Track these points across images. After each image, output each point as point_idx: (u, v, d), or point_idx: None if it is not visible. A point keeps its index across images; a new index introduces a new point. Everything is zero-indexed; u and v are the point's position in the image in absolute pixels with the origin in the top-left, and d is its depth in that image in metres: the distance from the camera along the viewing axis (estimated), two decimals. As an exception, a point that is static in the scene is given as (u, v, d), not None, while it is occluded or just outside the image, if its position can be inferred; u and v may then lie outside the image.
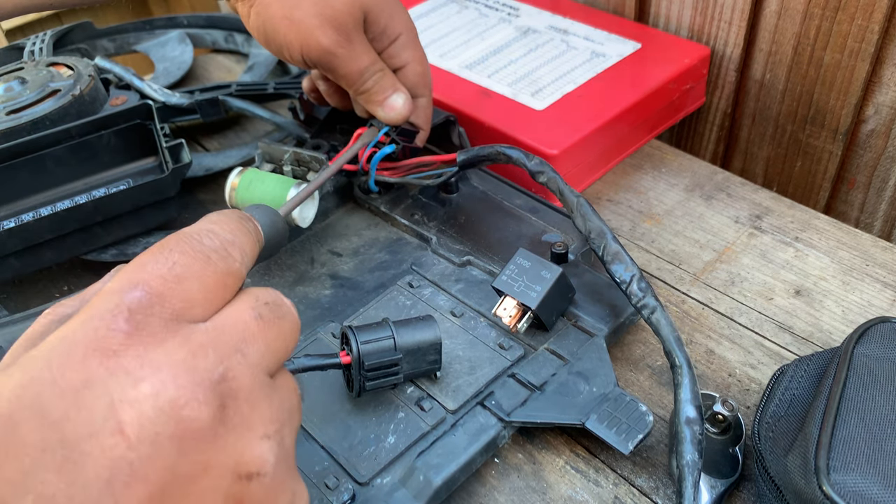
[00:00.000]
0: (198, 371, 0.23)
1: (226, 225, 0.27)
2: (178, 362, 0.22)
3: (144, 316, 0.23)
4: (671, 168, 0.59)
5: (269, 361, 0.25)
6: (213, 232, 0.27)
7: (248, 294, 0.26)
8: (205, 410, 0.22)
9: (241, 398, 0.23)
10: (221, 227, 0.27)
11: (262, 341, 0.25)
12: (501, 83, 0.60)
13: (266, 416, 0.24)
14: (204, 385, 0.22)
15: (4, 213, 0.51)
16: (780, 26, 0.60)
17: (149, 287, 0.23)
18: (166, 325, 0.23)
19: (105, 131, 0.53)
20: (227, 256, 0.26)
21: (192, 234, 0.26)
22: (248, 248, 0.28)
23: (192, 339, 0.23)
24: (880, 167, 0.61)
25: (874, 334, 0.38)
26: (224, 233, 0.27)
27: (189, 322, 0.24)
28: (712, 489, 0.36)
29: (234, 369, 0.24)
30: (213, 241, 0.26)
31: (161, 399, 0.22)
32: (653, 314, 0.39)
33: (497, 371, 0.41)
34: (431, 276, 0.47)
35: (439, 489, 0.36)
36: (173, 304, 0.24)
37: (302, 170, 0.49)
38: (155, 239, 0.54)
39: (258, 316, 0.25)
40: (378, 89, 0.48)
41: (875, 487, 0.30)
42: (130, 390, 0.21)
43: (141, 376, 0.22)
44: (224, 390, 0.23)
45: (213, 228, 0.27)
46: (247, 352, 0.24)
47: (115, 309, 0.23)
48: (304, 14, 0.44)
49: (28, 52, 0.67)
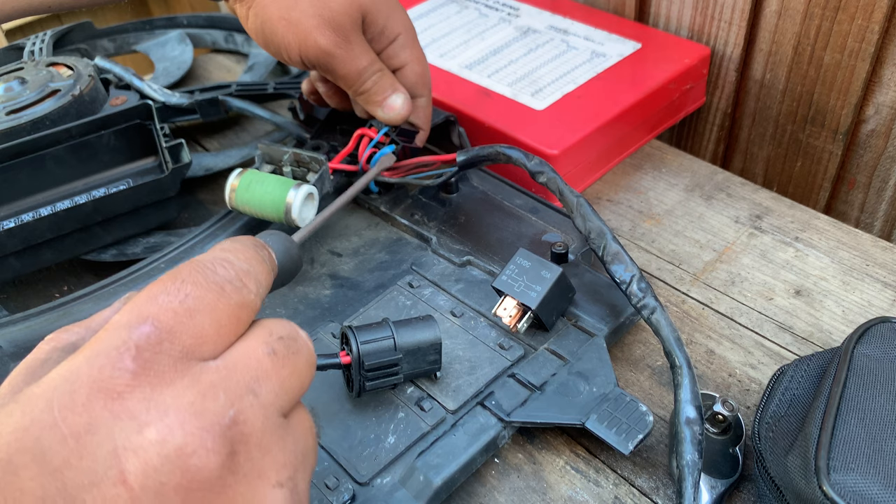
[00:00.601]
0: (207, 415, 0.21)
1: (241, 253, 0.26)
2: (186, 405, 0.21)
3: (153, 354, 0.22)
4: (671, 168, 0.59)
5: (283, 401, 0.24)
6: (228, 261, 0.25)
7: (261, 328, 0.25)
8: (213, 458, 0.21)
9: (253, 443, 0.22)
10: (237, 256, 0.26)
11: (275, 379, 0.24)
12: (501, 83, 0.60)
13: (279, 461, 0.23)
14: (213, 430, 0.21)
15: (4, 213, 0.51)
16: (781, 26, 0.60)
17: (158, 322, 0.22)
18: (175, 364, 0.22)
19: (105, 131, 0.53)
20: (242, 288, 0.25)
21: (205, 264, 0.25)
22: (263, 278, 0.26)
23: (201, 379, 0.22)
24: (880, 167, 0.61)
25: (874, 334, 0.38)
26: (239, 262, 0.26)
27: (199, 360, 0.23)
28: (712, 489, 0.36)
29: (246, 412, 0.22)
30: (227, 272, 0.25)
31: (167, 446, 0.20)
32: (653, 314, 0.39)
33: (497, 371, 0.41)
34: (431, 276, 0.47)
35: (439, 489, 0.36)
36: (183, 340, 0.22)
37: (302, 170, 0.49)
38: (155, 239, 0.54)
39: (272, 352, 0.24)
40: (377, 90, 0.47)
41: (875, 487, 0.30)
42: (135, 436, 0.20)
43: (147, 421, 0.21)
44: (235, 435, 0.22)
45: (228, 257, 0.26)
46: (259, 392, 0.23)
47: (123, 346, 0.22)
48: (302, 15, 0.44)
49: (28, 52, 0.67)
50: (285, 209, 0.45)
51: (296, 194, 0.45)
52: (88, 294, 0.46)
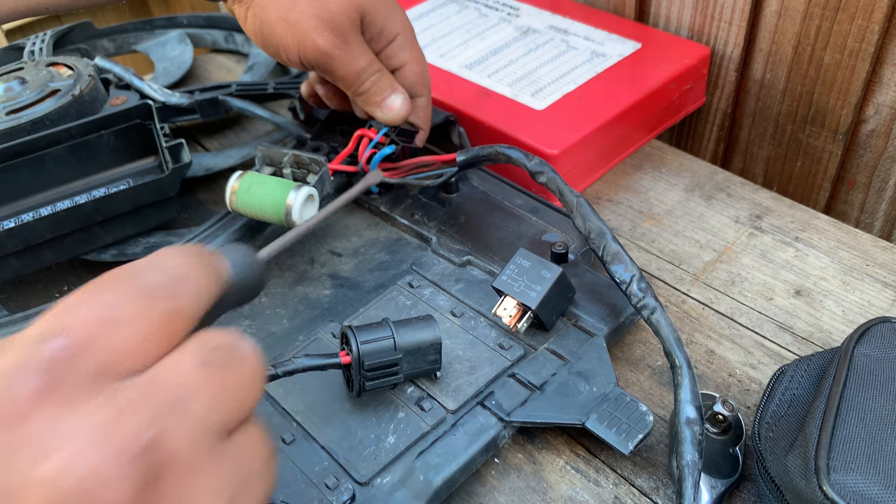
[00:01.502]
0: (121, 437, 0.19)
1: (178, 259, 0.23)
2: (97, 427, 0.19)
3: (63, 370, 0.19)
4: (671, 168, 0.59)
5: (220, 418, 0.21)
6: (161, 266, 0.23)
7: (194, 339, 0.22)
8: (126, 488, 0.18)
9: (179, 467, 0.20)
10: (173, 261, 0.23)
11: (207, 393, 0.21)
12: (501, 83, 0.60)
13: (213, 485, 0.20)
14: (127, 455, 0.18)
15: (4, 213, 0.51)
16: (781, 26, 0.60)
17: (74, 334, 0.20)
18: (89, 381, 0.19)
19: (105, 131, 0.53)
20: (175, 295, 0.22)
21: (135, 268, 0.22)
22: (205, 286, 0.23)
23: (117, 396, 0.19)
24: (880, 167, 0.61)
25: (874, 334, 0.38)
26: (173, 267, 0.23)
27: (118, 376, 0.20)
28: (712, 489, 0.36)
29: (170, 432, 0.20)
30: (158, 277, 0.22)
31: (71, 477, 0.18)
32: (653, 315, 0.39)
33: (497, 371, 0.41)
34: (431, 276, 0.47)
35: (439, 489, 0.36)
36: (100, 354, 0.20)
37: (302, 172, 0.49)
38: (155, 239, 0.54)
39: (202, 363, 0.21)
40: (376, 90, 0.48)
41: (875, 487, 0.30)
42: (36, 467, 0.18)
43: (50, 448, 0.18)
44: (155, 459, 0.19)
45: (162, 262, 0.23)
46: (187, 409, 0.20)
47: (28, 362, 0.19)
48: (301, 16, 0.44)
49: (28, 52, 0.67)
50: (286, 211, 0.45)
51: (296, 196, 0.45)
52: (88, 294, 0.46)
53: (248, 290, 0.28)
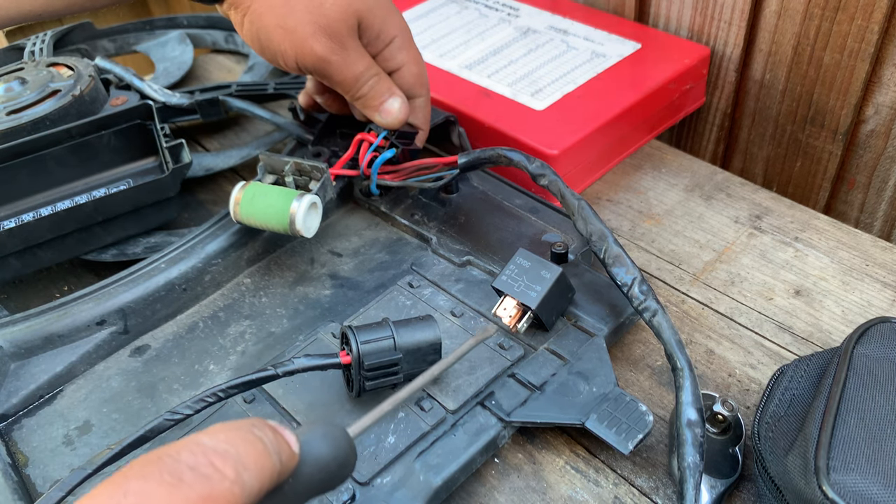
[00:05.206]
0: None
1: (222, 434, 0.21)
2: None
3: None
4: (671, 168, 0.59)
5: None
6: (199, 443, 0.20)
7: None
8: None
9: None
10: (214, 437, 0.21)
11: None
12: (501, 83, 0.60)
13: None
14: None
15: (4, 213, 0.51)
16: (780, 26, 0.60)
17: None
18: None
19: (105, 131, 0.53)
20: (209, 475, 0.20)
21: (167, 451, 0.20)
22: (253, 464, 0.21)
23: None
24: (880, 167, 0.61)
25: (874, 334, 0.38)
26: (213, 442, 0.21)
27: None
28: (712, 489, 0.36)
29: None
30: (192, 457, 0.20)
31: None
32: (654, 317, 0.39)
33: (497, 371, 0.41)
34: (431, 276, 0.47)
35: (439, 489, 0.36)
36: None
37: (304, 179, 0.49)
38: (155, 239, 0.53)
39: None
40: (374, 94, 0.48)
41: (875, 487, 0.30)
42: None
43: None
44: None
45: (201, 439, 0.21)
46: None
47: None
48: (298, 22, 0.44)
49: (28, 52, 0.67)
50: (289, 220, 0.45)
51: (299, 205, 0.45)
52: (88, 294, 0.46)
53: (336, 470, 0.25)
